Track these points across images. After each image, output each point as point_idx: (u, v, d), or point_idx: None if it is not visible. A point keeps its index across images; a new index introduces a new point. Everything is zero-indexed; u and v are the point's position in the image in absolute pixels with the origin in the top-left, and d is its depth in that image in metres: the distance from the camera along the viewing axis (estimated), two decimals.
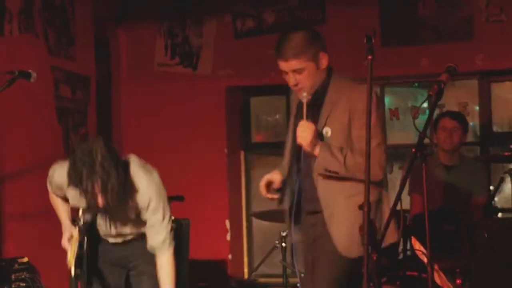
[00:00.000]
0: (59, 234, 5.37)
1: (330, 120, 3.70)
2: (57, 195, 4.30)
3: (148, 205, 4.08)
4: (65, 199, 4.29)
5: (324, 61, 3.71)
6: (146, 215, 4.11)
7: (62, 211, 4.36)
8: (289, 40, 3.69)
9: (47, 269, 5.28)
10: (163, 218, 4.12)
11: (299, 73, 3.67)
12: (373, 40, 3.13)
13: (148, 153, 6.64)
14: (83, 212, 4.06)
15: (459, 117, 5.58)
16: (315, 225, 3.81)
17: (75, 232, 4.18)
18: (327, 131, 3.69)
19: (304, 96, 3.66)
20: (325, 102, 3.74)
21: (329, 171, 3.64)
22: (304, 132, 3.62)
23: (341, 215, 3.65)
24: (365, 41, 3.12)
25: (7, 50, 5.19)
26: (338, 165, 3.62)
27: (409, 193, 5.41)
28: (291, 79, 3.70)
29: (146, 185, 4.07)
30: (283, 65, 3.68)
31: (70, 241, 4.23)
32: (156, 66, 6.84)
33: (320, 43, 3.72)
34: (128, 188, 4.02)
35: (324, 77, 3.76)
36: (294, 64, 3.65)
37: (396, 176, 6.74)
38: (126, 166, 4.05)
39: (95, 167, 3.76)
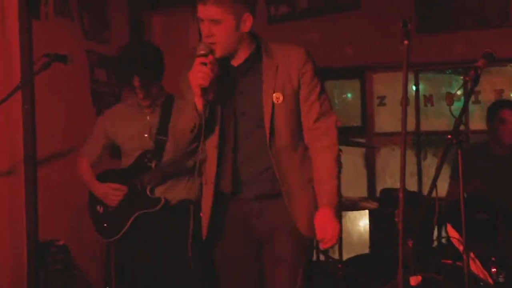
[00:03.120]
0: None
1: (279, 84, 3.37)
2: (90, 156, 4.48)
3: None
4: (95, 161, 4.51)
5: (247, 24, 3.31)
6: None
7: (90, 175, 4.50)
8: None
9: (80, 252, 5.33)
10: None
11: (215, 23, 3.25)
12: (409, 25, 3.10)
13: None
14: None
15: None
16: (262, 213, 3.45)
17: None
18: (278, 97, 3.36)
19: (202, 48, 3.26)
20: (263, 67, 3.39)
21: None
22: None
23: (300, 193, 3.40)
24: (401, 25, 3.09)
25: (43, 34, 5.22)
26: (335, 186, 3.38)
27: (450, 177, 5.31)
28: (205, 29, 3.27)
29: None
30: (201, 10, 3.26)
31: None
32: (190, 51, 6.83)
33: (249, 4, 3.34)
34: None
35: (252, 45, 3.40)
36: (212, 11, 3.23)
37: (429, 163, 6.71)
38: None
39: (144, 62, 4.14)
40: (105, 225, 4.40)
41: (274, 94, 3.35)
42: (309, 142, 3.43)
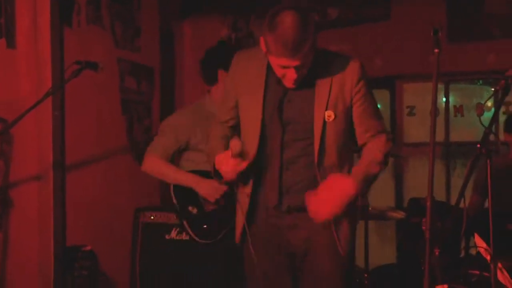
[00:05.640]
0: (120, 223, 5.47)
1: (332, 102, 3.23)
2: (162, 156, 4.44)
3: None
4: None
5: (317, 44, 3.13)
6: None
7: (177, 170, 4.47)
8: (296, 31, 3.01)
9: (107, 258, 5.36)
10: None
11: (302, 67, 3.13)
12: (440, 34, 3.07)
13: None
14: None
15: None
16: (296, 226, 3.33)
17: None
18: (330, 115, 3.22)
19: None
20: (317, 82, 3.24)
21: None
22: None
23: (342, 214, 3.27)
24: (432, 34, 3.06)
25: (75, 41, 5.27)
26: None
27: (472, 190, 5.27)
28: (292, 75, 3.13)
29: None
30: (287, 61, 3.09)
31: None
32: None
33: (316, 25, 3.14)
34: None
35: None
36: (301, 59, 3.09)
37: (458, 174, 6.66)
38: None
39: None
40: (205, 226, 4.33)
41: (326, 112, 3.21)
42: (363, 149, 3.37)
